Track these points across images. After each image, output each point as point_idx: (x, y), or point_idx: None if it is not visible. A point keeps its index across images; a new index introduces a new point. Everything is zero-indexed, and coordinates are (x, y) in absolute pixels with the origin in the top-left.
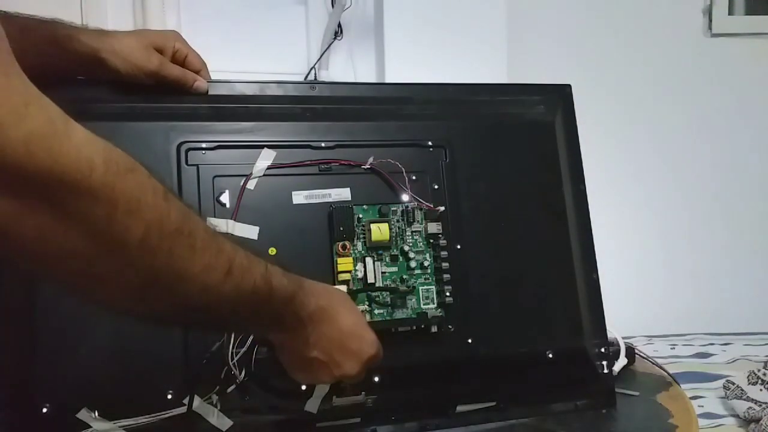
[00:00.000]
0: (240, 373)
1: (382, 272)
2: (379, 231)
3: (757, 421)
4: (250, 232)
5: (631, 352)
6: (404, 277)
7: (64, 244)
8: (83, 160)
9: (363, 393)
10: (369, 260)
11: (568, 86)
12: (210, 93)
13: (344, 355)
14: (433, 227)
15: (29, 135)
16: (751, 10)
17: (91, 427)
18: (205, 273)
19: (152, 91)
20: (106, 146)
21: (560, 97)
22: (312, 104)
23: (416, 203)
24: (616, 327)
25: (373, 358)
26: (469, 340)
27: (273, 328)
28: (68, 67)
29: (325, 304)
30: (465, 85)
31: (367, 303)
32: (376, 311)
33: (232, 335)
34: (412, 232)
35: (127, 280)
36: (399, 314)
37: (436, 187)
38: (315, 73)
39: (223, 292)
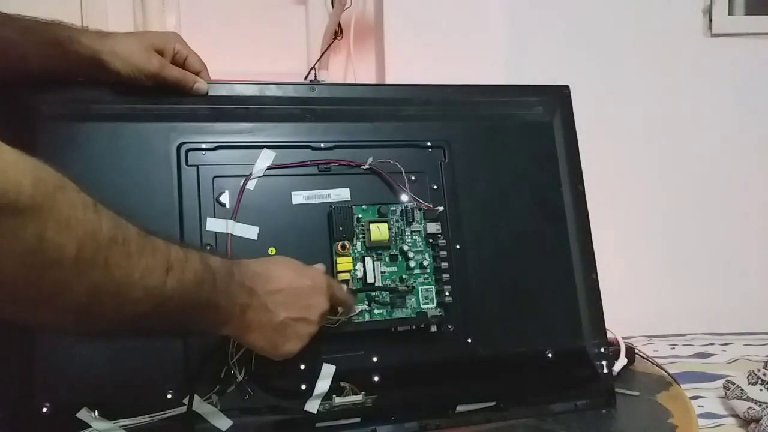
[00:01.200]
0: (240, 373)
1: (382, 272)
2: (379, 231)
3: (757, 421)
4: (250, 232)
5: (631, 352)
6: (403, 276)
7: None
8: (11, 183)
9: (363, 393)
10: (368, 260)
11: (567, 87)
12: (210, 94)
13: (306, 296)
14: (432, 227)
15: None
16: (751, 10)
17: (91, 426)
18: (146, 276)
19: (152, 92)
20: (36, 166)
21: (559, 98)
22: (311, 105)
23: (415, 203)
24: (616, 327)
25: (329, 284)
26: (469, 340)
27: (229, 314)
28: (69, 68)
29: (259, 267)
30: (464, 86)
31: (366, 303)
32: (376, 311)
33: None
34: (411, 232)
35: (67, 300)
36: (398, 314)
37: (435, 187)
38: (315, 74)
39: (167, 291)
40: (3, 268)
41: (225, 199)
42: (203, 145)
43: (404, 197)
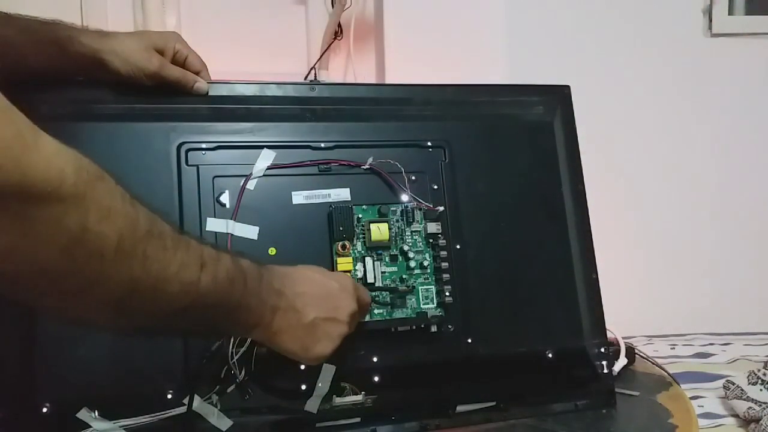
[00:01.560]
0: (240, 373)
1: (382, 272)
2: (379, 231)
3: (757, 421)
4: (250, 232)
5: (631, 352)
6: (404, 276)
7: (36, 261)
8: (53, 171)
9: (363, 393)
10: (369, 260)
11: (567, 87)
12: (210, 94)
13: (335, 298)
14: (433, 227)
15: None
16: (751, 10)
17: (91, 426)
18: (182, 271)
19: (152, 92)
20: (76, 156)
21: (559, 97)
22: (312, 105)
23: (416, 203)
24: (616, 327)
25: (355, 286)
26: (469, 340)
27: (259, 315)
28: (69, 68)
29: (285, 270)
30: (464, 86)
31: None
32: (376, 311)
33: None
34: (411, 232)
35: (105, 293)
36: (399, 314)
37: (435, 187)
38: (315, 73)
39: (201, 288)
40: (46, 257)
41: (225, 199)
42: (203, 145)
43: (404, 197)
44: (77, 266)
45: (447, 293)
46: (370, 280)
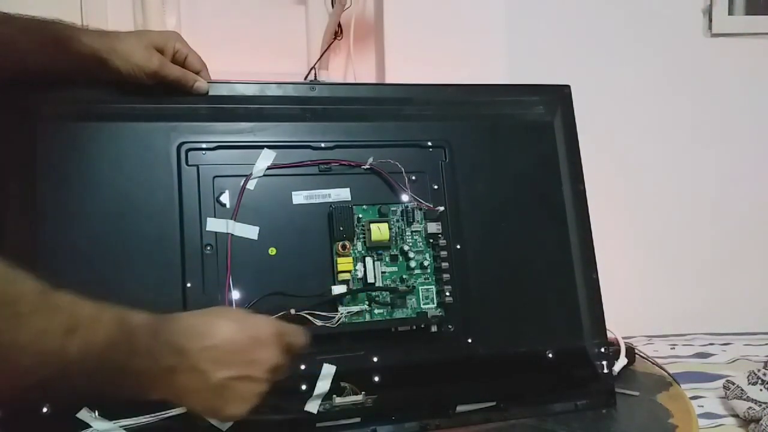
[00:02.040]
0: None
1: (382, 272)
2: (379, 231)
3: (757, 421)
4: (250, 232)
5: (631, 352)
6: (404, 276)
7: None
8: None
9: (363, 393)
10: (369, 260)
11: (567, 87)
12: (210, 93)
13: (248, 351)
14: (433, 227)
15: None
16: (751, 10)
17: (91, 426)
18: (39, 340)
19: (153, 91)
20: None
21: (559, 97)
22: (312, 105)
23: (416, 203)
24: (616, 327)
25: (279, 332)
26: (469, 340)
27: (152, 378)
28: (69, 67)
29: (194, 321)
30: (464, 86)
31: (367, 303)
32: (376, 311)
33: None
34: (411, 232)
35: None
36: (399, 314)
37: (435, 187)
38: (315, 73)
39: (69, 356)
40: None
41: (225, 198)
42: (203, 145)
43: (405, 197)
44: None
45: (447, 293)
46: (370, 280)
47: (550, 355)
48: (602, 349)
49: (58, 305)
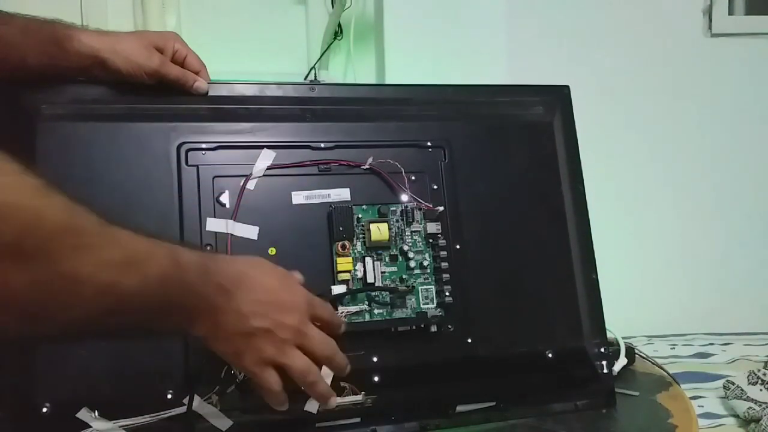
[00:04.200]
0: (240, 373)
1: (382, 272)
2: (379, 231)
3: (757, 421)
4: (250, 232)
5: (631, 352)
6: (404, 276)
7: None
8: None
9: (363, 393)
10: (368, 260)
11: (567, 87)
12: (210, 94)
13: (282, 311)
14: (433, 227)
15: None
16: (751, 10)
17: (91, 426)
18: (100, 270)
19: (153, 92)
20: None
21: (559, 98)
22: (311, 105)
23: (415, 203)
24: (616, 327)
25: (311, 304)
26: (469, 340)
27: (197, 314)
28: (69, 67)
29: (241, 267)
30: (464, 86)
31: (366, 302)
32: (376, 311)
33: None
34: (411, 232)
35: (8, 298)
36: (398, 314)
37: (435, 187)
38: (315, 73)
39: (126, 288)
40: None
41: (225, 199)
42: (203, 145)
43: (404, 197)
44: None
45: (447, 293)
46: (370, 280)
47: (550, 355)
48: (602, 349)
49: (116, 239)
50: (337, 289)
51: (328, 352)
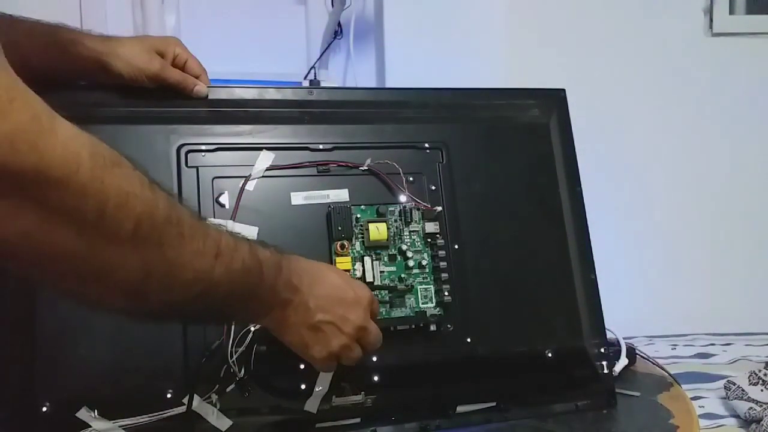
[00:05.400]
0: (240, 373)
1: (381, 271)
2: (377, 231)
3: (758, 421)
4: (250, 232)
5: (631, 352)
6: (402, 276)
7: (54, 245)
8: (70, 155)
9: (363, 393)
10: (367, 260)
11: (563, 90)
12: (210, 97)
13: (346, 307)
14: (431, 227)
15: (14, 131)
16: (753, 9)
17: (90, 426)
18: (196, 259)
19: (153, 95)
20: (92, 140)
21: (555, 100)
22: (310, 108)
23: (414, 203)
24: (616, 327)
25: (372, 301)
26: (468, 340)
27: (270, 306)
28: (72, 69)
29: (308, 266)
30: (461, 90)
31: None
32: None
33: (231, 333)
34: (410, 231)
35: (121, 277)
36: (398, 313)
37: (433, 188)
38: (315, 73)
39: (215, 276)
40: (62, 241)
41: (224, 199)
42: (203, 147)
43: (402, 198)
44: (93, 251)
45: (446, 293)
46: (369, 279)
47: (550, 355)
48: (602, 350)
49: (208, 232)
50: None
51: (378, 346)
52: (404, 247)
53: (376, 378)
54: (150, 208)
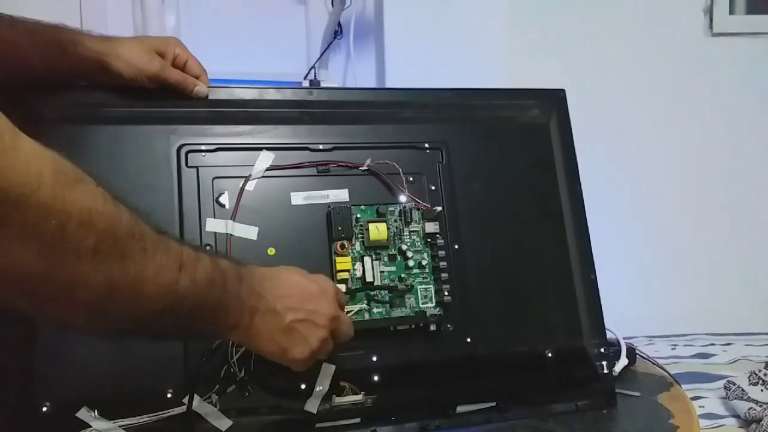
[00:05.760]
0: (240, 373)
1: (381, 271)
2: (377, 230)
3: (758, 421)
4: (250, 232)
5: (632, 352)
6: (402, 276)
7: (15, 265)
8: (32, 173)
9: (363, 393)
10: (367, 259)
11: (562, 90)
12: (210, 97)
13: (315, 301)
14: (431, 227)
15: None
16: (753, 9)
17: (90, 426)
18: (160, 273)
19: (153, 95)
20: (54, 158)
21: (555, 100)
22: (310, 108)
23: (413, 203)
24: (617, 327)
25: (337, 291)
26: (468, 340)
27: (237, 316)
28: (72, 70)
29: (267, 272)
30: (461, 90)
31: (365, 301)
32: (375, 310)
33: None
34: (409, 231)
35: (82, 295)
36: (397, 312)
37: (433, 188)
38: (315, 73)
39: (180, 289)
40: (22, 260)
41: (224, 199)
42: (203, 147)
43: (402, 198)
44: (54, 269)
45: (446, 293)
46: (369, 279)
47: (550, 355)
48: (602, 350)
49: (170, 245)
50: None
51: (351, 335)
52: (404, 247)
53: (376, 378)
54: (113, 224)
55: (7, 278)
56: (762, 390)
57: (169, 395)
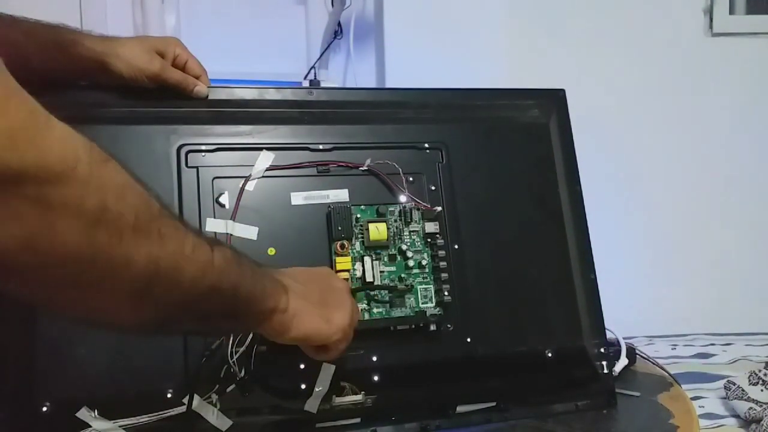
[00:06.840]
0: (240, 373)
1: (381, 271)
2: (377, 230)
3: (758, 421)
4: (250, 232)
5: (632, 352)
6: (402, 276)
7: (58, 246)
8: (68, 151)
9: (363, 393)
10: (367, 259)
11: (562, 90)
12: (210, 97)
13: (326, 278)
14: (431, 227)
15: (12, 127)
16: (753, 9)
17: (90, 426)
18: (197, 250)
19: (153, 95)
20: (84, 137)
21: (554, 100)
22: (310, 108)
23: (413, 203)
24: (616, 327)
25: (347, 283)
26: (468, 340)
27: (277, 297)
28: (72, 70)
29: (279, 269)
30: (461, 90)
31: (365, 301)
32: (375, 310)
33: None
34: (409, 231)
35: (127, 276)
36: (397, 312)
37: (432, 188)
38: (315, 73)
39: (216, 267)
40: (67, 243)
41: (224, 199)
42: (203, 147)
43: (402, 198)
44: (98, 249)
45: (446, 292)
46: (369, 279)
47: (550, 355)
48: (602, 349)
49: (189, 224)
50: None
51: (359, 318)
52: (404, 247)
53: (376, 378)
54: (146, 200)
55: (51, 265)
56: (762, 390)
57: (169, 395)
